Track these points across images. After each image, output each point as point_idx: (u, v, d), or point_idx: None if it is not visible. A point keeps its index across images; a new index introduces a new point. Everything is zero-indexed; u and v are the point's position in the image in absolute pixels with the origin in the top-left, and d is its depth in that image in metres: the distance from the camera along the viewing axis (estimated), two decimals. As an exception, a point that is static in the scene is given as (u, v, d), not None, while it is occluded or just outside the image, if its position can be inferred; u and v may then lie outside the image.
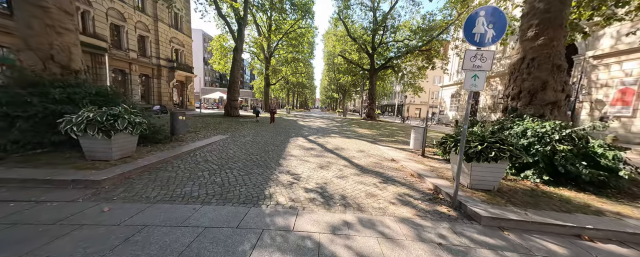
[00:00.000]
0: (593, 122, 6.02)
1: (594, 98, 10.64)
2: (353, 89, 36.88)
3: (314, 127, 11.15)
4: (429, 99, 42.54)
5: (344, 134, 9.20)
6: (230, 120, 12.45)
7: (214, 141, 6.04)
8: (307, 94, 67.76)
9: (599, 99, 10.45)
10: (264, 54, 25.56)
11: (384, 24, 18.23)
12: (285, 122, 13.77)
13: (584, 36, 6.65)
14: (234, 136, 7.02)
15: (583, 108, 11.08)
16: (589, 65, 11.02)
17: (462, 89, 22.26)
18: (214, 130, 8.06)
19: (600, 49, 10.43)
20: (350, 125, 13.53)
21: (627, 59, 9.47)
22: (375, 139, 7.94)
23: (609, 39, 10.21)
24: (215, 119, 12.40)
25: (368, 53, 20.02)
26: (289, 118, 18.03)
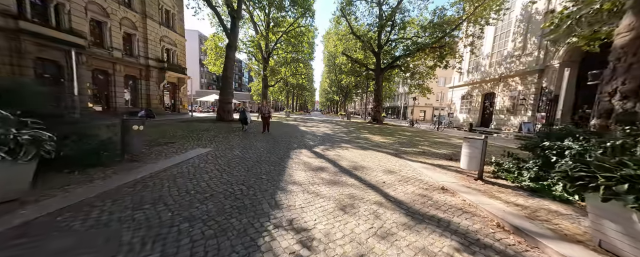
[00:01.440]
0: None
1: None
2: (355, 90, 35.43)
3: (318, 134, 9.55)
4: (435, 100, 41.10)
5: (356, 143, 7.59)
6: (221, 126, 10.84)
7: (189, 158, 4.43)
8: (306, 97, 66.40)
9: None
10: (262, 54, 24.08)
11: (392, 19, 16.78)
12: (284, 127, 12.17)
13: None
14: (219, 150, 5.40)
15: None
16: (636, 60, 9.52)
17: (474, 89, 20.79)
18: (195, 140, 6.45)
19: (652, 41, 8.94)
20: (358, 131, 11.95)
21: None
22: (397, 151, 6.33)
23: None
24: (204, 125, 10.79)
25: (374, 51, 18.55)
26: (289, 122, 16.43)
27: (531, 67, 14.67)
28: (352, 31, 19.41)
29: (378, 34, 17.99)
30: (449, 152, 6.41)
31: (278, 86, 33.30)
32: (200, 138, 6.80)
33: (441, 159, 5.34)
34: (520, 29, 16.00)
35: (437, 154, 6.07)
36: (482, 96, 19.89)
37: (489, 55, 19.41)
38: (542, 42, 14.12)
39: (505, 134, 14.76)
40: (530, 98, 14.68)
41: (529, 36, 15.24)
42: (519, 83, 15.66)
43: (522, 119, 15.23)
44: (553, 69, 13.40)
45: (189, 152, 4.95)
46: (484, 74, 19.62)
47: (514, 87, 16.14)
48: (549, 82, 13.60)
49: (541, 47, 14.29)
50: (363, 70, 21.18)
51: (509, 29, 17.44)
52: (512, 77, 16.25)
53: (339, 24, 22.85)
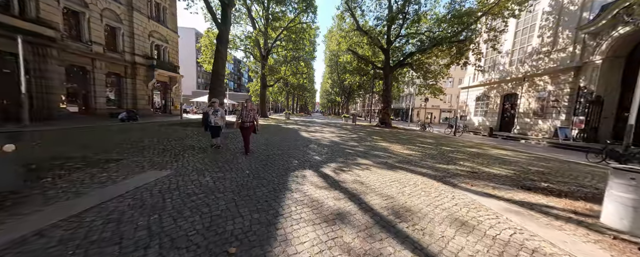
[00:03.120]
0: None
1: None
2: (358, 91, 33.68)
3: (324, 143, 7.76)
4: (442, 102, 39.27)
5: (376, 156, 5.80)
6: (202, 134, 9.07)
7: (120, 193, 2.66)
8: (307, 98, 64.76)
9: None
10: (260, 51, 22.41)
11: (405, 11, 15.05)
12: (282, 133, 10.40)
13: None
14: (181, 174, 3.62)
15: None
16: None
17: (491, 90, 19.02)
18: (156, 155, 4.68)
19: None
20: (371, 138, 10.17)
21: None
22: (437, 172, 4.52)
23: None
24: (187, 130, 9.03)
25: (382, 48, 16.83)
26: (289, 126, 14.64)
27: (565, 65, 12.90)
28: (358, 26, 17.71)
29: (387, 28, 16.26)
30: (510, 173, 4.60)
31: (277, 86, 31.60)
32: (164, 152, 5.02)
33: (515, 189, 3.54)
34: (549, 22, 14.25)
35: (498, 177, 4.28)
36: (501, 98, 18.10)
37: (508, 52, 17.66)
38: (579, 35, 12.36)
39: (536, 140, 12.94)
40: (564, 99, 12.88)
41: (561, 29, 13.48)
42: (549, 82, 13.87)
43: (553, 123, 13.42)
44: (593, 66, 11.62)
45: (130, 179, 3.18)
46: (503, 73, 17.86)
47: (542, 87, 14.35)
48: (589, 81, 11.81)
49: (577, 41, 12.52)
50: (370, 68, 19.42)
51: (534, 22, 15.70)
52: (540, 76, 14.47)
53: (342, 20, 21.17)
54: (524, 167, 5.26)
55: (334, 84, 40.01)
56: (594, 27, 11.41)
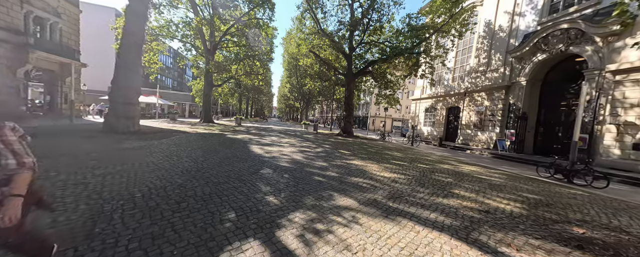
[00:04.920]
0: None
1: (621, 120, 8.93)
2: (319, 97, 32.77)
3: (283, 165, 5.75)
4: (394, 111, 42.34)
5: (357, 189, 4.21)
6: (96, 145, 5.83)
7: None
8: (263, 101, 60.67)
9: (630, 121, 8.74)
10: (204, 45, 18.69)
11: (369, 17, 14.65)
12: (224, 147, 7.88)
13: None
14: None
15: (608, 131, 9.32)
16: (607, 81, 9.50)
17: (438, 103, 20.74)
18: None
19: (626, 62, 8.90)
20: (339, 153, 8.68)
21: (668, 75, 7.89)
22: (449, 217, 3.20)
23: (636, 50, 8.72)
24: (63, 143, 5.53)
25: (345, 54, 16.07)
26: (238, 135, 11.87)
27: (497, 83, 14.68)
28: (320, 28, 16.57)
29: (350, 33, 15.63)
30: (521, 208, 3.68)
31: (228, 87, 27.58)
32: None
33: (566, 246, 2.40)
34: (484, 44, 16.25)
35: (518, 218, 3.23)
36: (447, 110, 19.88)
37: (452, 69, 19.65)
38: (508, 58, 14.27)
39: (479, 151, 14.15)
40: (498, 114, 14.58)
41: (494, 52, 15.46)
42: (486, 98, 15.62)
43: (490, 135, 15.02)
44: (520, 86, 13.44)
45: None
46: (448, 87, 19.71)
47: (480, 102, 16.08)
48: (516, 98, 13.59)
49: (506, 63, 14.44)
50: (332, 74, 18.45)
51: (472, 44, 17.83)
52: (478, 92, 16.23)
53: (303, 22, 19.79)
54: (519, 194, 4.55)
55: (292, 88, 38.12)
56: (519, 52, 13.23)
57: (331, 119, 25.50)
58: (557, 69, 12.44)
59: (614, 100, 9.24)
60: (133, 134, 8.25)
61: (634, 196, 5.58)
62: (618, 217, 3.56)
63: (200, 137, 9.61)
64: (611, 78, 9.38)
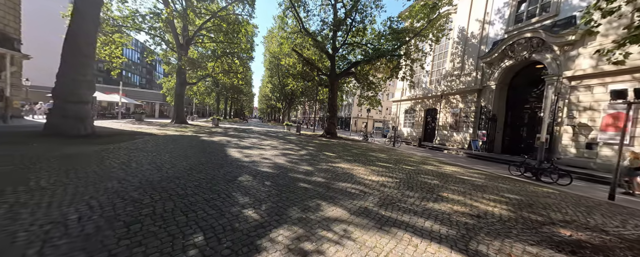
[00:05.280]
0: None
1: (577, 121, 9.91)
2: (301, 98, 32.24)
3: (264, 171, 5.28)
4: (375, 113, 43.36)
5: (345, 195, 3.93)
6: (26, 155, 4.82)
7: None
8: (244, 102, 58.41)
9: (582, 122, 9.73)
10: (176, 39, 17.22)
11: (352, 18, 14.62)
12: (197, 150, 7.14)
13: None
14: None
15: (565, 132, 10.29)
16: (564, 86, 10.51)
17: (417, 104, 21.55)
18: None
19: (579, 69, 9.91)
20: (324, 155, 8.37)
21: (613, 81, 8.90)
22: (443, 224, 3.06)
23: (587, 58, 9.75)
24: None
25: (328, 54, 15.89)
26: (214, 138, 10.98)
27: (470, 87, 15.61)
28: (303, 26, 16.20)
29: (333, 33, 15.49)
30: (506, 210, 3.67)
31: (204, 86, 25.86)
32: None
33: (557, 252, 2.34)
34: (458, 50, 17.22)
35: (508, 222, 3.20)
36: (425, 111, 20.73)
37: (429, 72, 20.56)
38: (479, 63, 15.23)
39: (455, 151, 14.89)
40: (471, 116, 15.49)
41: (467, 57, 16.43)
42: (460, 101, 16.52)
43: (464, 136, 15.90)
44: (490, 90, 14.40)
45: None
46: (425, 90, 20.58)
47: (455, 105, 16.97)
48: (487, 101, 14.54)
49: (478, 68, 15.41)
50: (315, 74, 18.15)
51: (447, 49, 18.82)
52: (453, 95, 17.12)
53: (284, 20, 19.24)
54: (501, 195, 4.64)
55: (274, 88, 37.07)
56: (488, 58, 14.18)
57: (314, 120, 25.20)
58: (522, 74, 13.54)
59: (570, 103, 10.23)
60: (85, 137, 7.07)
61: (593, 192, 6.09)
62: (592, 216, 3.73)
63: (169, 140, 8.63)
64: (567, 83, 10.39)
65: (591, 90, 9.60)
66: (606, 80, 9.15)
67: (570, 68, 10.39)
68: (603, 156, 9.01)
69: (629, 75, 8.57)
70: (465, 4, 16.89)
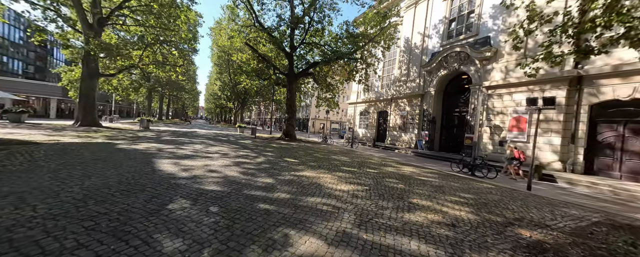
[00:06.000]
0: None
1: (493, 123, 12.16)
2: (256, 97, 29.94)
3: (210, 190, 4.17)
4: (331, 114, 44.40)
5: (317, 216, 3.35)
6: None
7: None
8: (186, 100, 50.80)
9: (496, 124, 11.99)
10: (82, 16, 13.13)
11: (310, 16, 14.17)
12: (102, 168, 5.29)
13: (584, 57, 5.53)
14: None
15: (485, 132, 12.49)
16: (484, 94, 12.78)
17: (370, 107, 22.94)
18: None
19: (493, 80, 12.18)
20: (285, 162, 7.54)
21: (515, 91, 11.25)
22: (425, 239, 2.79)
23: (499, 72, 12.08)
24: None
25: (286, 52, 15.01)
26: (138, 145, 8.59)
27: (415, 92, 17.47)
28: (257, 20, 14.83)
29: (291, 30, 14.73)
30: (469, 213, 3.78)
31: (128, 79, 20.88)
32: None
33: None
34: (404, 58, 19.10)
35: (477, 225, 3.21)
36: (377, 114, 22.25)
37: (381, 77, 22.19)
38: (422, 71, 17.21)
39: (404, 150, 16.35)
40: (416, 118, 17.35)
41: (411, 65, 18.36)
42: (407, 104, 18.31)
43: (411, 136, 17.68)
44: (430, 95, 16.42)
45: None
46: (378, 94, 22.12)
47: (403, 108, 18.72)
48: (428, 105, 16.53)
49: (420, 75, 17.39)
50: (272, 72, 16.91)
51: (395, 57, 20.69)
52: (401, 99, 18.86)
53: (235, 12, 17.34)
54: (457, 195, 4.92)
55: (224, 86, 33.32)
56: (428, 67, 16.15)
57: (271, 121, 23.71)
58: (453, 82, 15.91)
59: (488, 108, 12.49)
60: None
61: (514, 183, 7.33)
62: (530, 210, 4.25)
63: (60, 151, 6.15)
64: (486, 92, 12.66)
65: (502, 98, 11.93)
66: (511, 90, 11.51)
67: (487, 79, 12.70)
68: (510, 151, 11.26)
69: (525, 87, 10.97)
70: (409, 17, 18.88)
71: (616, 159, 8.56)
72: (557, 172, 9.11)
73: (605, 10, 4.36)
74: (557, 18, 5.80)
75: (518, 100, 11.17)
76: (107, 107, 33.64)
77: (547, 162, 9.78)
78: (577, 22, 4.61)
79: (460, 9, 15.20)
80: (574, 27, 4.62)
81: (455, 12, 15.49)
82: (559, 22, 5.92)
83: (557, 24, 5.54)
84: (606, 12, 4.33)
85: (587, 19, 4.70)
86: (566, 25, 4.91)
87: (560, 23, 5.21)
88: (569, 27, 4.66)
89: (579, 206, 4.87)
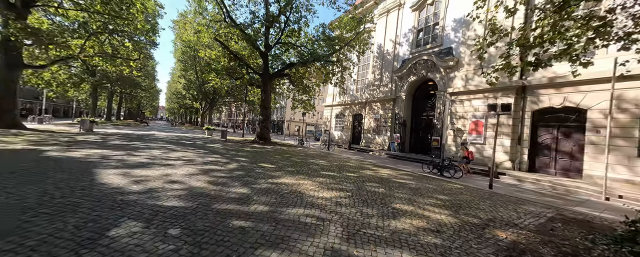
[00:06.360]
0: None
1: (456, 127, 13.29)
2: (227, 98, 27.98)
3: (173, 210, 3.51)
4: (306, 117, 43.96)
5: (300, 231, 3.00)
6: None
7: None
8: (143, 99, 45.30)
9: (459, 128, 13.14)
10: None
11: (286, 15, 13.73)
12: (21, 191, 4.12)
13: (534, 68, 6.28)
14: None
15: (449, 135, 13.59)
16: (448, 99, 13.93)
17: (346, 110, 23.31)
18: None
19: (456, 88, 13.36)
20: (261, 168, 6.99)
21: (473, 98, 12.48)
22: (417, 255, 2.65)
23: (460, 80, 13.29)
24: None
25: (260, 51, 14.29)
26: (76, 153, 7.11)
27: (387, 96, 18.28)
28: (229, 16, 13.85)
29: (266, 29, 14.08)
30: (451, 217, 3.86)
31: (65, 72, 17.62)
32: None
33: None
34: (378, 63, 19.90)
35: (463, 227, 3.23)
36: (353, 116, 22.72)
37: (356, 81, 22.75)
38: (394, 76, 18.10)
39: (378, 152, 16.90)
40: (389, 121, 18.14)
41: (384, 70, 19.21)
42: (380, 108, 19.04)
43: (384, 138, 18.40)
44: (401, 99, 17.33)
45: None
46: (353, 97, 22.62)
47: (376, 111, 19.42)
48: (400, 109, 17.43)
49: (392, 80, 18.28)
50: (245, 72, 15.91)
51: (369, 62, 21.44)
52: (375, 103, 19.55)
53: (203, 5, 15.99)
54: (434, 197, 5.08)
55: (189, 84, 30.44)
56: (399, 73, 17.07)
57: (243, 123, 22.37)
58: (421, 88, 17.07)
59: (451, 113, 13.63)
60: None
61: (477, 182, 7.99)
62: (498, 209, 4.56)
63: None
64: (449, 98, 13.82)
65: (463, 104, 13.13)
66: (470, 96, 12.74)
67: (450, 86, 13.89)
68: (470, 152, 12.42)
69: (481, 94, 12.25)
70: (382, 24, 19.78)
71: (552, 158, 10.03)
72: (508, 170, 10.30)
73: (550, 29, 4.97)
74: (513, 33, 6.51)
75: (476, 106, 12.41)
76: (36, 105, 27.95)
77: (500, 162, 11.00)
78: (528, 37, 5.18)
79: (427, 20, 16.43)
80: (526, 41, 5.18)
81: (422, 23, 16.69)
82: (515, 36, 6.68)
83: (513, 38, 6.20)
84: (551, 30, 4.95)
85: (537, 35, 5.31)
86: (520, 40, 5.48)
87: (515, 37, 5.84)
88: (522, 42, 5.21)
89: (532, 203, 5.45)
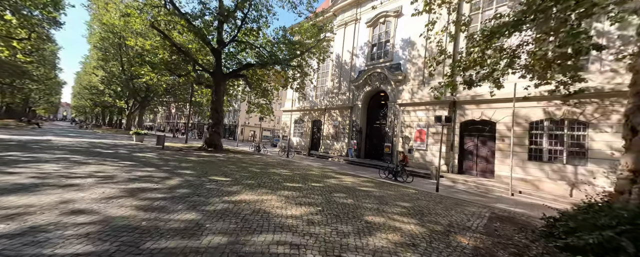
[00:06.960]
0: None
1: (404, 135, 14.83)
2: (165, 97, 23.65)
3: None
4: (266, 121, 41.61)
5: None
6: None
7: None
8: (34, 93, 34.18)
9: (406, 136, 14.71)
10: None
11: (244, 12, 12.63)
12: None
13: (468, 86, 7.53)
14: None
15: (399, 142, 15.05)
16: (397, 109, 15.49)
17: (305, 115, 23.14)
18: None
19: (404, 99, 14.99)
20: (213, 183, 5.87)
21: (418, 109, 14.24)
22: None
23: (407, 93, 14.98)
24: None
25: (212, 48, 12.66)
26: None
27: (345, 104, 19.06)
28: (172, 2, 11.81)
29: (219, 24, 12.61)
30: (418, 225, 3.99)
31: None
32: None
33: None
34: (336, 72, 20.64)
35: (431, 233, 3.30)
36: (312, 122, 22.70)
37: (315, 87, 22.95)
38: (351, 86, 19.06)
39: (337, 158, 17.24)
40: (346, 128, 18.87)
41: (342, 79, 20.04)
42: (339, 115, 19.66)
43: (342, 145, 18.98)
44: (358, 108, 18.35)
45: None
46: (312, 103, 22.70)
47: (335, 118, 19.96)
48: (357, 117, 18.39)
49: (350, 89, 19.22)
50: (192, 68, 13.70)
51: (328, 70, 22.03)
52: (334, 110, 20.09)
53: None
54: (399, 205, 5.26)
55: (111, 78, 24.46)
56: (356, 83, 18.12)
57: (186, 127, 19.28)
58: (375, 98, 18.50)
59: (400, 122, 15.17)
60: None
61: (425, 185, 8.90)
62: (450, 213, 5.03)
63: None
64: (399, 108, 15.38)
65: (409, 114, 14.81)
66: (415, 108, 14.49)
67: (400, 97, 15.51)
68: (415, 157, 14.03)
69: (423, 106, 14.08)
70: (340, 36, 20.74)
71: (474, 161, 12.24)
72: (445, 173, 11.99)
73: (480, 55, 6.00)
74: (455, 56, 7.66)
75: (420, 116, 14.16)
76: None
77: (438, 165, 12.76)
78: (470, 61, 6.15)
79: (379, 37, 18.08)
80: (468, 64, 6.12)
81: (376, 39, 18.28)
82: (458, 59, 7.87)
83: (457, 60, 7.28)
84: (481, 56, 5.99)
85: (471, 60, 6.32)
86: (459, 62, 6.43)
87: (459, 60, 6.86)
88: (465, 64, 6.14)
89: (470, 203, 6.33)
